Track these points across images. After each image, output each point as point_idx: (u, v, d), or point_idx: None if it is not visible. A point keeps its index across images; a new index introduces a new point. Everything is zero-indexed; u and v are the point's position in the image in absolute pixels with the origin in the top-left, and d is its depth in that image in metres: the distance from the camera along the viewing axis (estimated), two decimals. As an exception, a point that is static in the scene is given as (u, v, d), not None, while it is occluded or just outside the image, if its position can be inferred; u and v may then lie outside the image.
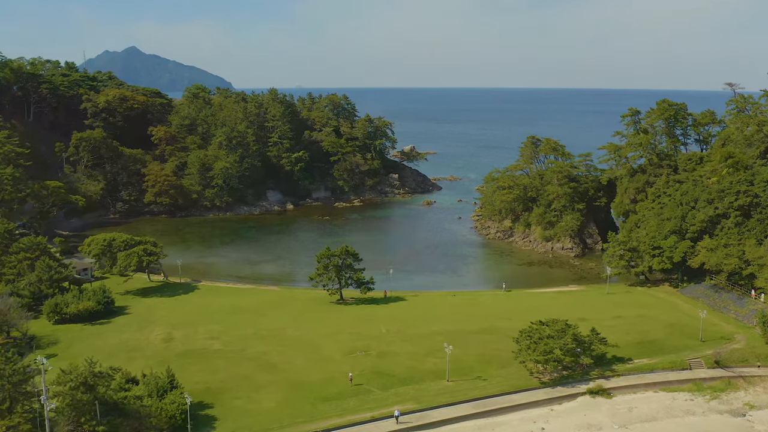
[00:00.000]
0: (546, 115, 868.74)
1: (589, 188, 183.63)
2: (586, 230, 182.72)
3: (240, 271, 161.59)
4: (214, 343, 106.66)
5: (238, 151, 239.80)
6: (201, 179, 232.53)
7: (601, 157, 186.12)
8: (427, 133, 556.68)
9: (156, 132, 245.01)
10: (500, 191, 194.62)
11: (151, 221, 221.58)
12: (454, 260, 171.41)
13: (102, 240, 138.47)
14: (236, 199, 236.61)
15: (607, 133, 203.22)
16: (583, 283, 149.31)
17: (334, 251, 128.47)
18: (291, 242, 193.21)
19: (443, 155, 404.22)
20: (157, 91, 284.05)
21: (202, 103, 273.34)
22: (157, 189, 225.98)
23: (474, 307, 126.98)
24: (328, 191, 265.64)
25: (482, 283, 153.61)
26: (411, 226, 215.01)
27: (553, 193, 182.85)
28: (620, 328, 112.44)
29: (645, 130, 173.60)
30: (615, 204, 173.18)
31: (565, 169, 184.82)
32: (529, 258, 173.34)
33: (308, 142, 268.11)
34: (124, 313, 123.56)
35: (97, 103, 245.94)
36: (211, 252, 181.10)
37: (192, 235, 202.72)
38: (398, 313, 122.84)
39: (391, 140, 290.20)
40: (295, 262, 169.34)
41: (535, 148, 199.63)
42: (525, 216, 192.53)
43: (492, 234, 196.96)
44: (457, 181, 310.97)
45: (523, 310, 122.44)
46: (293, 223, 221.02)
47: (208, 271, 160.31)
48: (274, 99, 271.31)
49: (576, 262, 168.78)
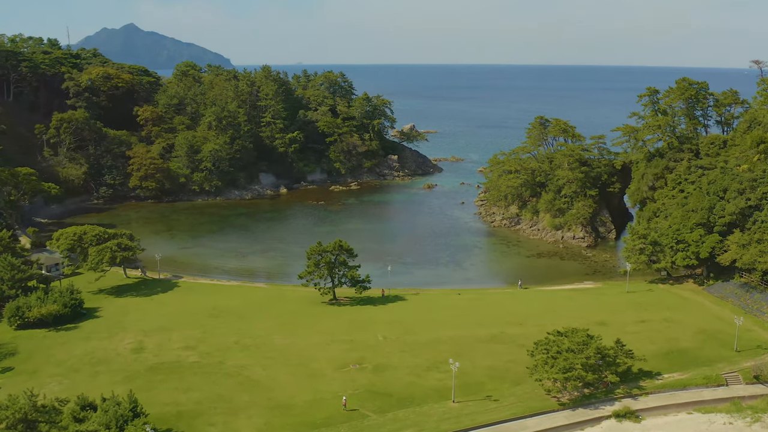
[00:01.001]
0: (548, 93, 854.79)
1: (602, 173, 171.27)
2: (598, 218, 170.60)
3: (226, 264, 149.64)
4: (190, 354, 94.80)
5: (229, 132, 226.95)
6: (189, 162, 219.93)
7: (614, 140, 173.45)
8: (427, 111, 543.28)
9: (142, 112, 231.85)
10: (506, 175, 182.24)
11: (136, 207, 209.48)
12: (458, 251, 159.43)
13: (72, 234, 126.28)
14: (226, 183, 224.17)
15: (607, 110, 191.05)
16: (598, 278, 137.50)
17: (326, 246, 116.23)
18: (283, 231, 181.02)
19: (444, 135, 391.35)
20: (144, 68, 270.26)
21: (191, 81, 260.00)
22: (143, 173, 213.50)
23: (481, 308, 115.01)
24: (324, 174, 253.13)
25: (489, 279, 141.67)
26: (411, 212, 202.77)
27: (564, 177, 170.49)
28: (645, 335, 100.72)
29: (664, 111, 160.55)
30: (631, 191, 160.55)
31: (576, 152, 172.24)
32: (538, 249, 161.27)
33: (303, 122, 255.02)
34: (93, 316, 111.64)
35: (80, 82, 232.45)
36: (197, 242, 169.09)
37: (178, 222, 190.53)
38: (397, 315, 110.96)
39: (390, 120, 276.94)
40: (286, 253, 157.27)
41: (544, 129, 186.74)
42: (533, 202, 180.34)
43: (497, 221, 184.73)
44: (459, 162, 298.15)
45: (535, 313, 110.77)
46: (286, 208, 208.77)
47: (191, 265, 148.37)
48: (267, 77, 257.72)
49: (589, 253, 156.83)
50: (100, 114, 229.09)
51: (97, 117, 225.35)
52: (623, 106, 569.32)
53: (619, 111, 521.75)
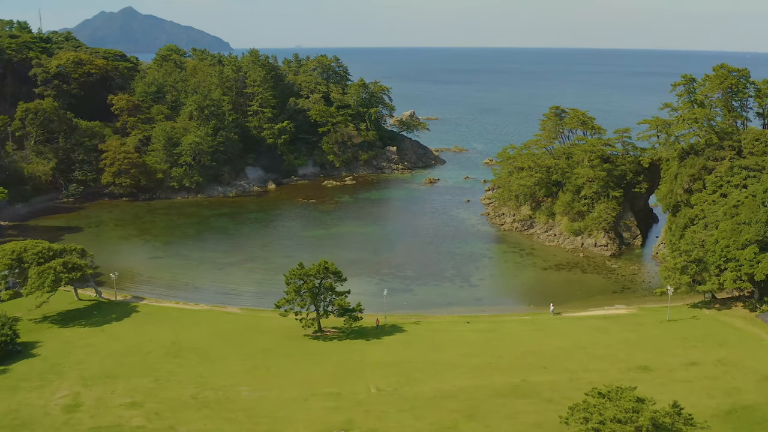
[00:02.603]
0: (552, 77, 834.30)
1: (627, 171, 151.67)
2: (622, 222, 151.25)
3: (198, 279, 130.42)
4: (135, 414, 75.43)
5: (212, 122, 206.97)
6: (167, 156, 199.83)
7: (640, 134, 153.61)
8: (426, 96, 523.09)
9: (116, 101, 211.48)
10: (518, 173, 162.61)
11: (109, 206, 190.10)
12: (465, 261, 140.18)
13: (9, 251, 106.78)
14: (209, 179, 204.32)
15: (606, 93, 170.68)
16: (629, 299, 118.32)
17: (308, 269, 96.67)
18: (267, 236, 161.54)
19: (445, 122, 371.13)
20: (121, 53, 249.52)
21: (172, 66, 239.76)
22: (116, 168, 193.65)
23: (496, 343, 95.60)
24: (317, 167, 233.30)
25: (502, 298, 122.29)
26: (411, 212, 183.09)
27: (583, 176, 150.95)
28: (699, 384, 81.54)
29: (701, 102, 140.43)
30: (661, 193, 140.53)
31: (597, 148, 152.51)
32: (556, 258, 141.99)
33: (294, 110, 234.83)
34: (29, 354, 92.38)
35: (48, 68, 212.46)
36: (170, 249, 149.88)
37: (152, 224, 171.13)
38: (394, 355, 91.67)
39: (389, 107, 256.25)
40: (268, 265, 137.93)
41: (560, 121, 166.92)
42: (547, 203, 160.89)
43: (508, 224, 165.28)
44: (462, 152, 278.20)
45: (562, 351, 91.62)
46: (273, 207, 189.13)
47: (158, 280, 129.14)
48: (255, 61, 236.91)
49: (613, 264, 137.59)
50: (71, 103, 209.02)
51: (68, 107, 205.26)
52: (624, 90, 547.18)
53: (624, 96, 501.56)
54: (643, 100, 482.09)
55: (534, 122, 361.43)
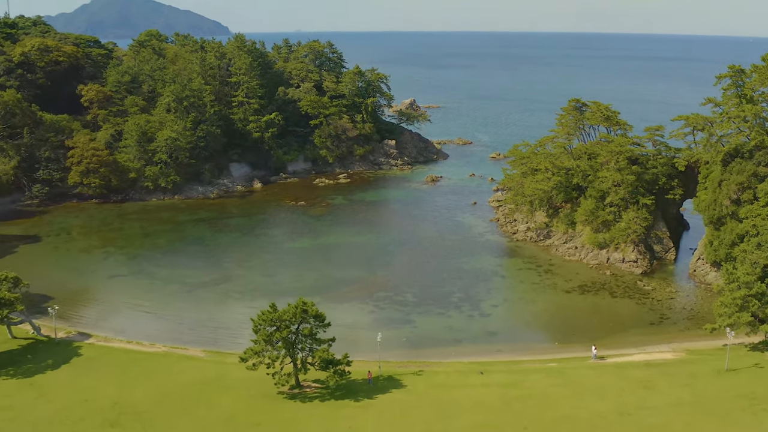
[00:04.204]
0: (553, 62, 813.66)
1: (660, 175, 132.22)
2: (652, 233, 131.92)
3: (162, 306, 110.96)
4: None
5: (191, 115, 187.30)
6: (141, 153, 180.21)
7: (674, 132, 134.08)
8: (425, 82, 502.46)
9: (86, 92, 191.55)
10: (533, 176, 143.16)
11: (77, 209, 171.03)
12: (473, 281, 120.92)
13: None
14: (188, 178, 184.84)
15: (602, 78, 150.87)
16: (671, 331, 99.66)
17: (283, 311, 77.26)
18: (247, 247, 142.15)
19: (448, 110, 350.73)
20: (95, 38, 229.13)
21: (150, 53, 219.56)
22: (84, 167, 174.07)
23: (517, 405, 76.18)
24: (308, 162, 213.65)
25: (520, 333, 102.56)
26: (411, 217, 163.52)
27: (609, 180, 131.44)
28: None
29: (750, 98, 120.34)
30: (703, 203, 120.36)
31: (626, 148, 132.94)
32: (579, 277, 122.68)
33: (283, 101, 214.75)
34: (-69, 421, 73.67)
35: (11, 56, 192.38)
36: (134, 265, 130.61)
37: (119, 233, 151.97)
38: (390, 425, 72.45)
39: (387, 97, 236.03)
40: (246, 286, 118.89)
41: (580, 115, 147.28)
42: (566, 210, 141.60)
43: (521, 233, 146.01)
44: (466, 145, 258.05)
45: (603, 421, 72.29)
46: (258, 211, 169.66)
47: (113, 308, 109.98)
48: (241, 47, 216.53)
49: (646, 285, 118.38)
50: (36, 95, 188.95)
51: (33, 99, 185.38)
52: (628, 75, 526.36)
53: (631, 82, 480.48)
54: (653, 86, 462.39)
55: (538, 110, 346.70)
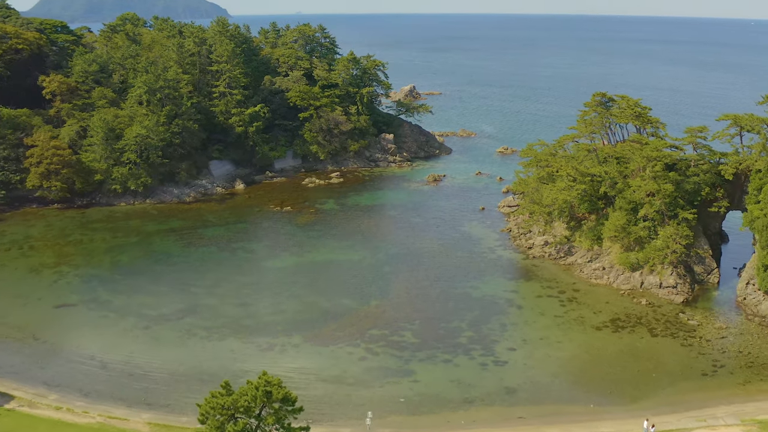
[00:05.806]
0: (552, 44, 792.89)
1: (702, 185, 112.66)
2: (693, 251, 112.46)
3: (110, 350, 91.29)
4: None
5: (166, 108, 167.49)
6: (108, 152, 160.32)
7: (718, 133, 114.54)
8: (426, 66, 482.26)
9: (47, 83, 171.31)
10: (553, 183, 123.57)
11: (35, 216, 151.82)
12: (485, 314, 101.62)
13: None
14: (161, 179, 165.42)
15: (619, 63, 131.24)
16: (729, 387, 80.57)
17: (240, 393, 57.66)
18: (221, 267, 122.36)
19: (449, 97, 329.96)
20: (62, 23, 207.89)
21: (123, 39, 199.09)
22: (43, 168, 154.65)
23: None
24: (297, 159, 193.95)
25: (545, 389, 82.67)
26: (411, 226, 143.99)
27: (643, 189, 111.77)
28: None
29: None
30: (757, 220, 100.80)
31: (663, 153, 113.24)
32: (609, 306, 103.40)
33: (269, 91, 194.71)
34: None
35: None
36: (87, 290, 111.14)
37: (77, 247, 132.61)
38: None
39: (385, 86, 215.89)
40: (214, 320, 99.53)
41: (606, 112, 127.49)
42: (591, 222, 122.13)
43: (537, 247, 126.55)
44: (470, 137, 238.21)
45: None
46: (237, 219, 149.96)
47: (49, 352, 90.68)
48: (223, 32, 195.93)
49: (690, 318, 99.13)
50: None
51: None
52: (632, 58, 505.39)
53: (637, 65, 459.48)
54: (659, 70, 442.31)
55: (541, 96, 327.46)
